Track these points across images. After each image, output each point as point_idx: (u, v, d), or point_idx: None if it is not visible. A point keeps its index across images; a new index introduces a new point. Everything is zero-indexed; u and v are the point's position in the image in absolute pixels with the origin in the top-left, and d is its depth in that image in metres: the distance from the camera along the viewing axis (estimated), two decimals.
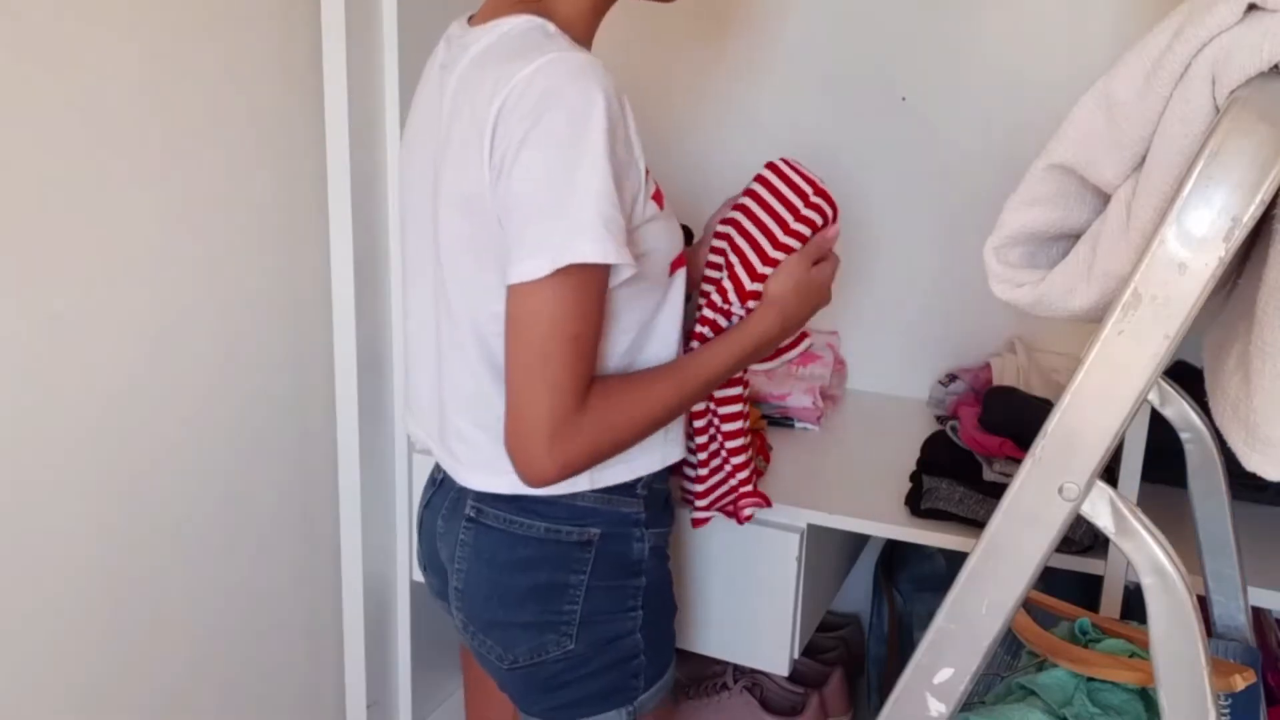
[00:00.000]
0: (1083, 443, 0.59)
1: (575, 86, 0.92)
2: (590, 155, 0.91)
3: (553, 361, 0.94)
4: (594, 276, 0.95)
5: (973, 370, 1.70)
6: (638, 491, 1.11)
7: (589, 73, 0.93)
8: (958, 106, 1.69)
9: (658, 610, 1.15)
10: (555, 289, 0.93)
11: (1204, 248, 0.54)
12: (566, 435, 0.96)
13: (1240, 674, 0.92)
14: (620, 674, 1.12)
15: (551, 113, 0.92)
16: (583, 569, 1.08)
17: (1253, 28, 0.56)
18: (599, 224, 0.91)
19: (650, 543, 1.13)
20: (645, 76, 1.89)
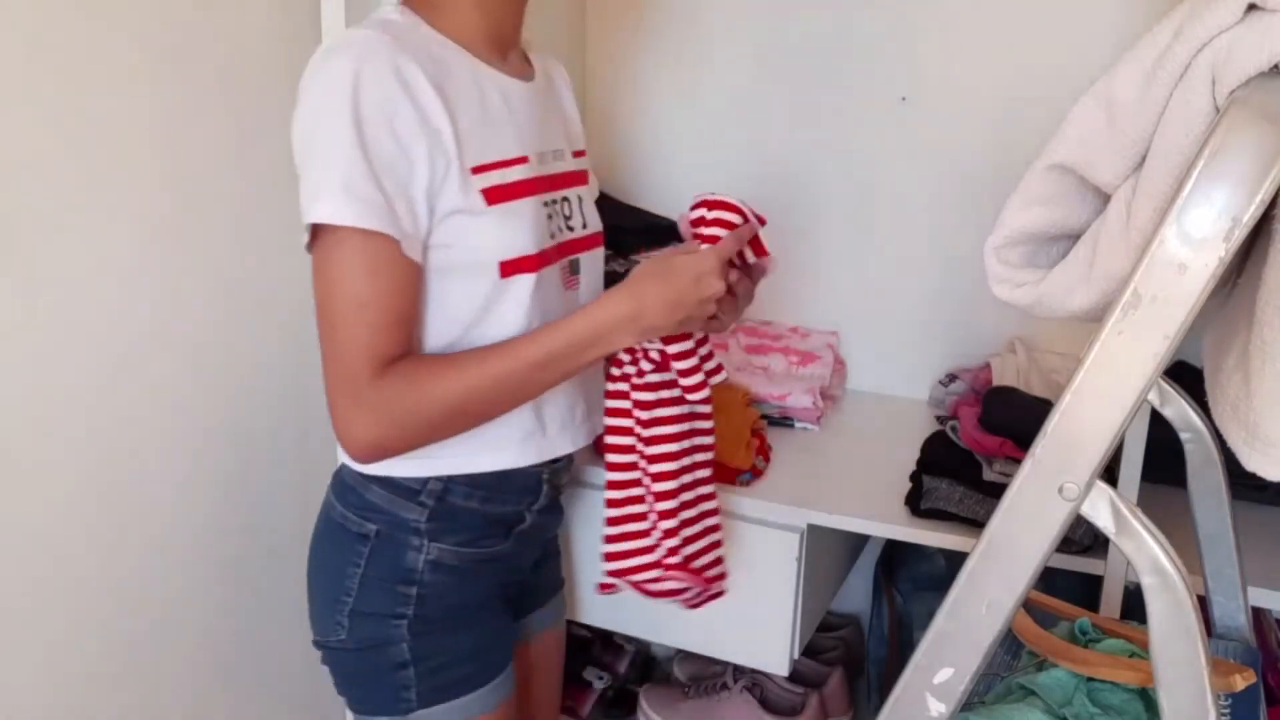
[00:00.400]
0: (1083, 443, 0.59)
1: (333, 63, 0.97)
2: (337, 125, 0.95)
3: (338, 327, 0.98)
4: (372, 243, 0.97)
5: (972, 370, 1.70)
6: (421, 498, 1.09)
7: (350, 53, 0.97)
8: (958, 106, 1.69)
9: (436, 625, 1.11)
10: (330, 251, 0.98)
11: (1204, 248, 0.54)
12: (362, 407, 0.98)
13: (1240, 674, 0.92)
14: (389, 683, 1.11)
15: (310, 89, 0.98)
16: (359, 561, 1.10)
17: (1253, 28, 0.56)
18: (337, 188, 0.95)
19: (430, 555, 1.10)
20: (645, 77, 1.89)
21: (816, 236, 1.82)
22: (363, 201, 0.95)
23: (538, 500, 1.18)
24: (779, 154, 1.82)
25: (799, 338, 1.80)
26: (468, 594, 1.14)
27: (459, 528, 1.12)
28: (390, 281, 0.98)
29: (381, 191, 0.96)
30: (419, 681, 1.11)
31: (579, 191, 1.20)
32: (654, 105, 1.90)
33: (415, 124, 0.98)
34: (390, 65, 0.97)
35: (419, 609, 1.10)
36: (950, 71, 1.68)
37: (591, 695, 1.86)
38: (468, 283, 1.05)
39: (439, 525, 1.10)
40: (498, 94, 1.08)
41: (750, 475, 1.45)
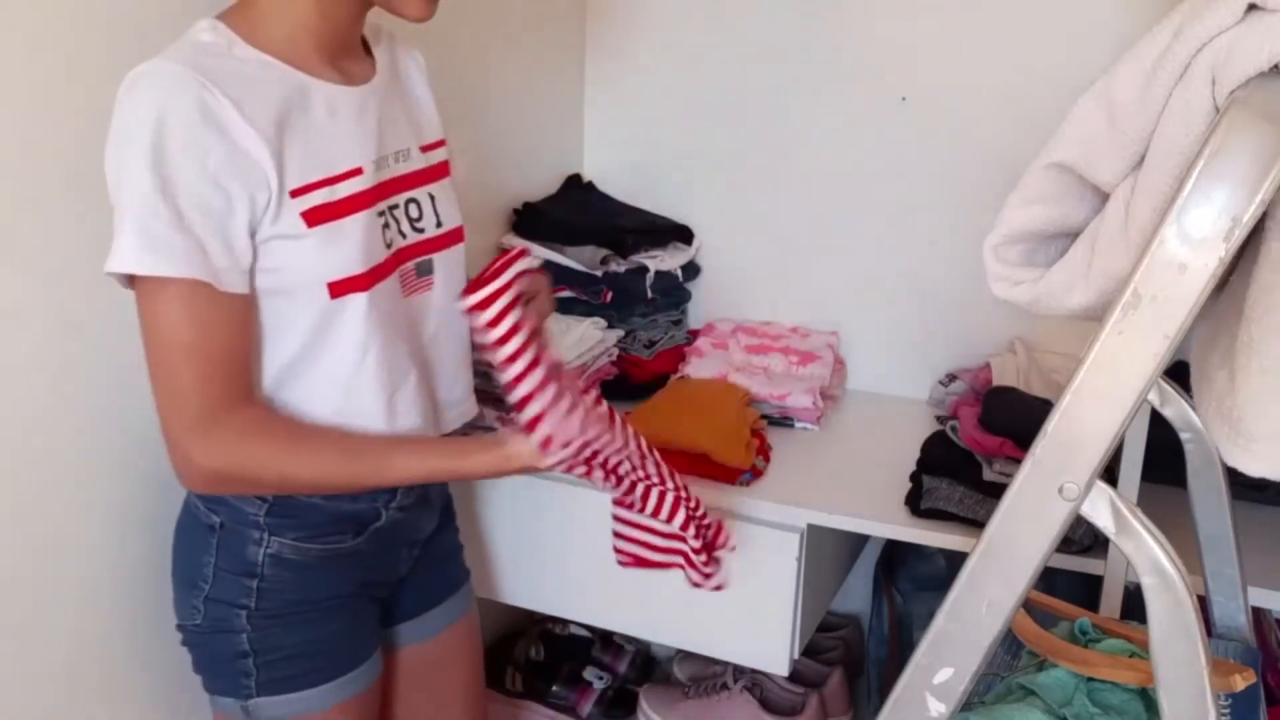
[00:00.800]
0: (1082, 443, 0.59)
1: (136, 99, 0.95)
2: (137, 169, 0.93)
3: (169, 372, 0.98)
4: (184, 288, 0.95)
5: (972, 370, 1.70)
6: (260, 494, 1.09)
7: (157, 84, 0.94)
8: (958, 106, 1.69)
9: (276, 619, 1.11)
10: (146, 298, 0.97)
11: (1204, 248, 0.54)
12: (202, 446, 0.99)
13: (1240, 674, 0.92)
14: (231, 667, 1.12)
15: (116, 126, 0.96)
16: (210, 550, 1.11)
17: (1253, 28, 0.56)
18: (134, 236, 0.93)
19: (270, 549, 1.10)
20: (645, 77, 1.89)
21: (816, 236, 1.82)
22: (165, 249, 0.93)
23: (395, 498, 1.15)
24: (779, 154, 1.82)
25: (799, 338, 1.80)
26: (313, 589, 1.13)
27: (300, 524, 1.11)
28: (211, 322, 0.97)
29: (188, 235, 0.94)
30: (258, 671, 1.12)
31: (430, 190, 1.16)
32: (653, 105, 1.90)
33: (227, 161, 0.95)
34: (197, 104, 0.94)
35: (259, 602, 1.10)
36: (950, 71, 1.68)
37: (591, 695, 1.86)
38: (298, 305, 1.03)
39: (279, 520, 1.10)
40: (324, 107, 1.04)
41: (750, 475, 1.45)
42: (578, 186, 1.93)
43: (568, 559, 1.52)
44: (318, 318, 1.04)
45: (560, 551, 1.53)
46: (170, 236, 0.93)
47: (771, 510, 1.41)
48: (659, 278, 1.77)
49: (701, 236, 1.88)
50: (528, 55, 1.81)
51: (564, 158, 1.93)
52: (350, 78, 1.09)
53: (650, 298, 1.76)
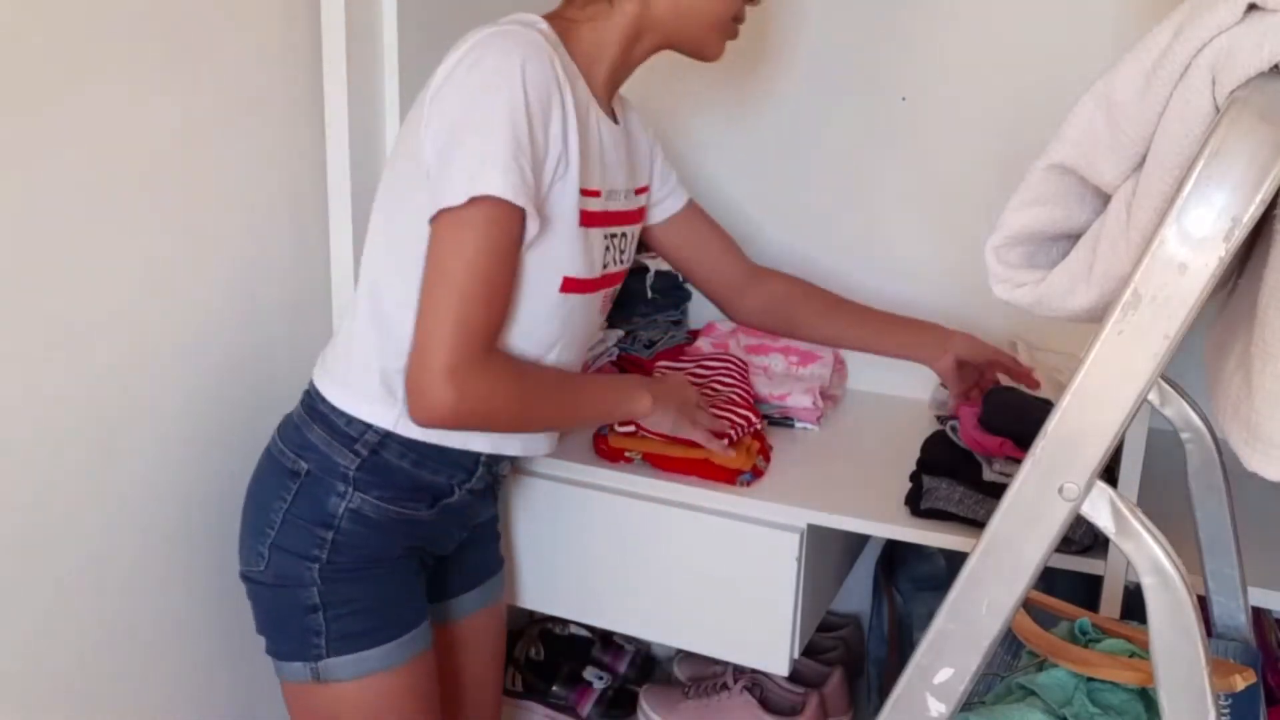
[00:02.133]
0: (1083, 443, 0.59)
1: (507, 46, 1.02)
2: (503, 104, 1.00)
3: (467, 299, 1.01)
4: (508, 219, 1.02)
5: None
6: (356, 446, 1.13)
7: (518, 45, 1.02)
8: (958, 106, 1.69)
9: (346, 574, 1.14)
10: (473, 222, 1.01)
11: (1204, 248, 0.54)
12: (465, 375, 1.02)
13: (1240, 674, 0.92)
14: (300, 624, 1.13)
15: (478, 73, 1.01)
16: (286, 495, 1.13)
17: (1253, 28, 0.56)
18: (510, 163, 0.99)
19: (353, 503, 1.13)
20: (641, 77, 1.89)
21: (816, 236, 1.82)
22: (520, 180, 1.01)
23: (470, 480, 1.21)
24: (778, 153, 1.82)
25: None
26: (380, 548, 1.16)
27: (386, 483, 1.14)
28: (510, 260, 1.04)
29: (523, 170, 1.01)
30: (328, 627, 1.13)
31: (634, 229, 1.28)
32: (653, 105, 1.89)
33: (561, 124, 1.05)
34: (551, 67, 1.03)
35: (332, 554, 1.13)
36: (950, 71, 1.68)
37: (591, 695, 1.86)
38: (536, 288, 1.10)
39: (368, 477, 1.13)
40: (595, 128, 1.15)
41: (750, 475, 1.45)
42: None
43: (568, 559, 1.52)
44: (539, 305, 1.11)
45: (560, 552, 1.53)
46: (527, 173, 1.01)
47: (771, 510, 1.41)
48: (659, 277, 1.77)
49: None
50: None
51: None
52: (611, 114, 1.21)
53: (650, 298, 1.76)
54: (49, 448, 1.12)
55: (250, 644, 1.38)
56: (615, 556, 1.50)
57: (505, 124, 1.00)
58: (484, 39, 1.03)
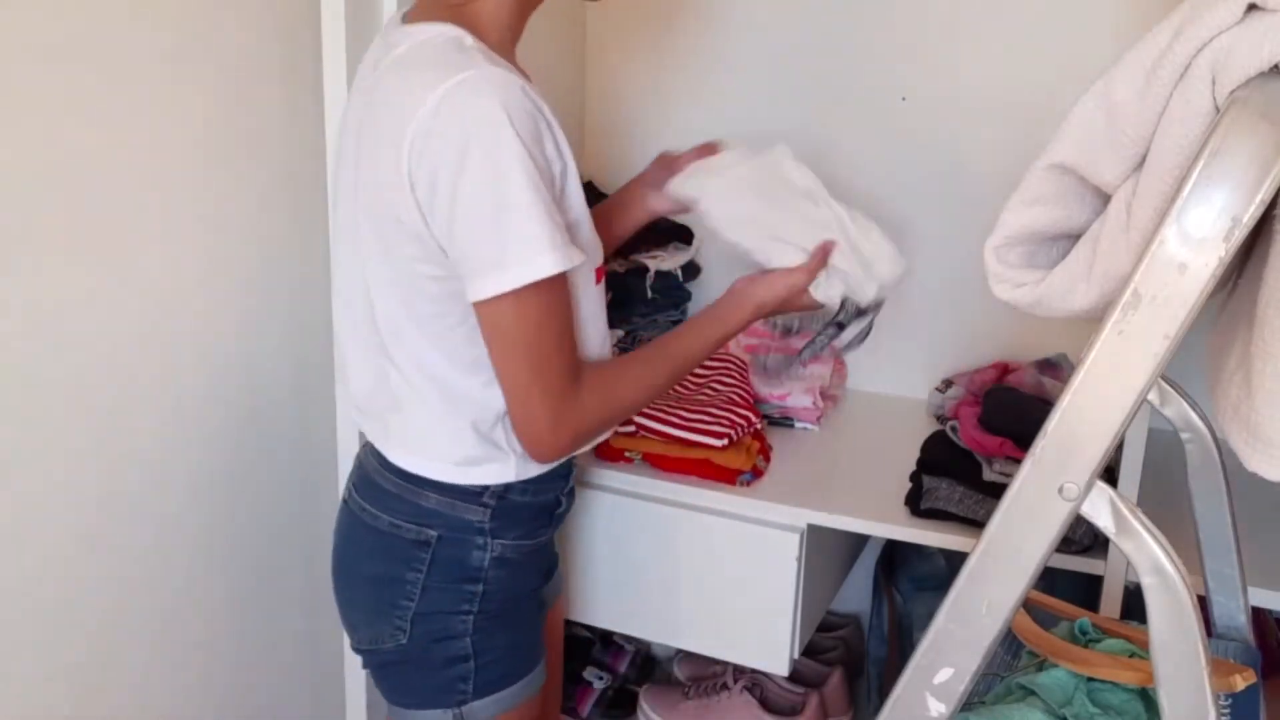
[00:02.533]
0: (1083, 443, 0.59)
1: (473, 106, 0.94)
2: (519, 171, 0.94)
3: (542, 363, 1.01)
4: (557, 279, 0.99)
5: (968, 374, 1.70)
6: (484, 500, 1.11)
7: (493, 91, 0.94)
8: (958, 106, 1.69)
9: (495, 619, 1.13)
10: (529, 302, 0.98)
11: (1204, 248, 0.54)
12: (565, 422, 1.04)
13: (1240, 674, 0.92)
14: (448, 675, 1.12)
15: (468, 141, 0.94)
16: (420, 567, 1.10)
17: (1253, 28, 0.56)
18: (544, 236, 0.95)
19: (495, 552, 1.12)
20: (640, 79, 1.89)
21: None
22: (564, 246, 0.97)
23: (568, 484, 1.22)
24: None
25: (799, 337, 1.80)
26: (520, 584, 1.17)
27: (517, 522, 1.14)
28: (569, 306, 1.03)
29: (559, 225, 0.98)
30: (477, 674, 1.12)
31: None
32: (652, 105, 1.90)
33: (552, 144, 1.00)
34: (524, 94, 0.96)
35: (483, 604, 1.12)
36: (950, 71, 1.68)
37: (591, 695, 1.86)
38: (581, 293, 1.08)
39: (500, 523, 1.12)
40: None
41: (750, 475, 1.45)
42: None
43: (568, 560, 1.52)
44: (593, 307, 1.11)
45: (560, 552, 1.53)
46: (559, 233, 0.97)
47: (771, 510, 1.41)
48: (659, 278, 1.77)
49: (701, 236, 1.88)
50: (527, 55, 1.80)
51: None
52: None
53: (650, 298, 1.76)
54: (48, 448, 1.12)
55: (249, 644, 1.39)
56: (615, 556, 1.50)
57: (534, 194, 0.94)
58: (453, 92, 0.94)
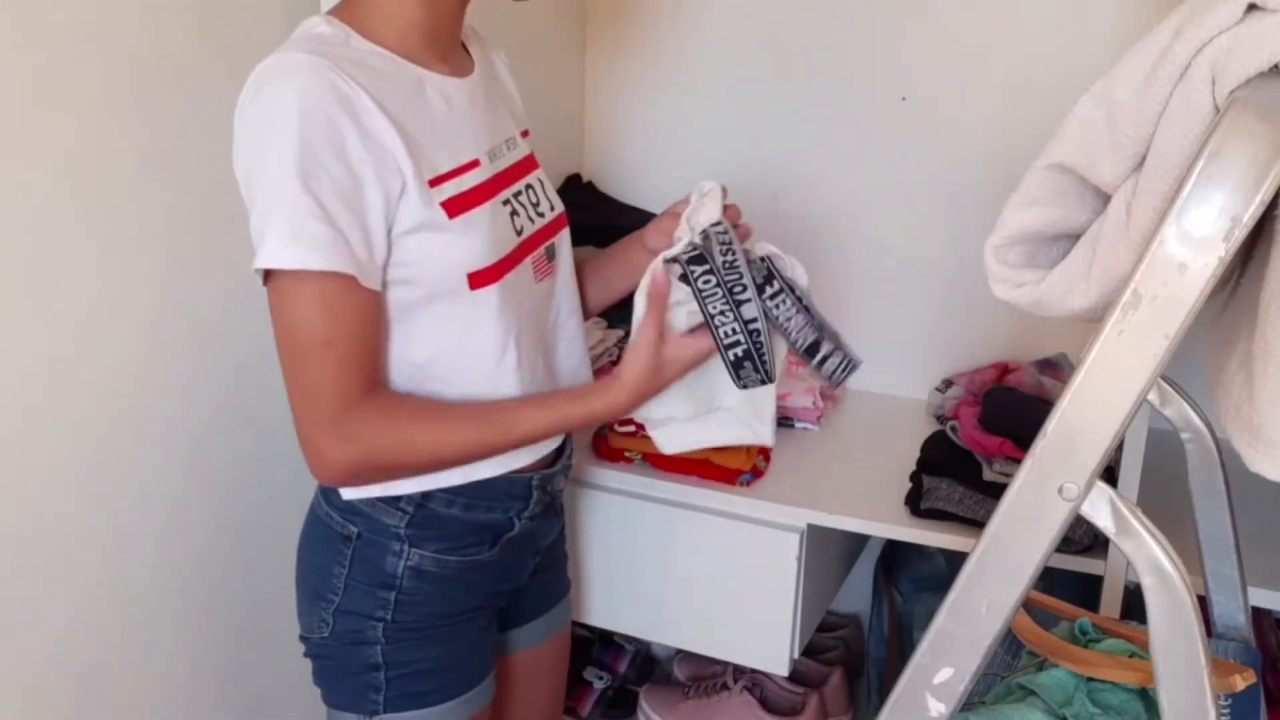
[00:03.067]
0: (1083, 442, 0.59)
1: (270, 92, 0.93)
2: (280, 161, 0.91)
3: (304, 368, 0.96)
4: (327, 283, 0.93)
5: (968, 374, 1.69)
6: (401, 505, 1.07)
7: (287, 79, 0.92)
8: (958, 106, 1.69)
9: (411, 633, 1.10)
10: (285, 293, 0.95)
11: (1204, 248, 0.54)
12: (338, 439, 0.97)
13: (1240, 674, 0.92)
14: (361, 681, 1.10)
15: (249, 121, 0.94)
16: (343, 561, 1.09)
17: (1252, 28, 0.56)
18: (284, 230, 0.91)
19: (411, 560, 1.08)
20: (644, 76, 1.89)
21: (815, 236, 1.81)
22: (312, 241, 0.91)
23: (527, 507, 1.14)
24: (778, 154, 1.82)
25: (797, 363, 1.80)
26: (449, 603, 1.12)
27: (440, 534, 1.09)
28: (351, 317, 0.95)
29: (333, 226, 0.92)
30: (388, 686, 1.10)
31: (539, 175, 1.17)
32: (652, 105, 1.90)
33: (363, 148, 0.94)
34: (330, 89, 0.92)
35: (396, 614, 1.09)
36: (950, 71, 1.68)
37: (591, 695, 1.86)
38: (438, 301, 1.02)
39: (419, 532, 1.08)
40: (440, 98, 1.04)
41: (750, 475, 1.45)
42: (577, 186, 1.93)
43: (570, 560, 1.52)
44: (458, 312, 1.03)
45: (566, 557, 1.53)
46: (315, 228, 0.92)
47: (771, 510, 1.41)
48: None
49: None
50: (528, 55, 1.81)
51: (564, 158, 1.93)
52: (456, 70, 1.09)
53: None
54: (43, 449, 1.12)
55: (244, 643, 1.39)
56: (615, 556, 1.50)
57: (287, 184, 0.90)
58: (256, 74, 0.94)
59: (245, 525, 1.38)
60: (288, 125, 0.90)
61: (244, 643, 1.40)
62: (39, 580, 1.13)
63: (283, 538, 1.43)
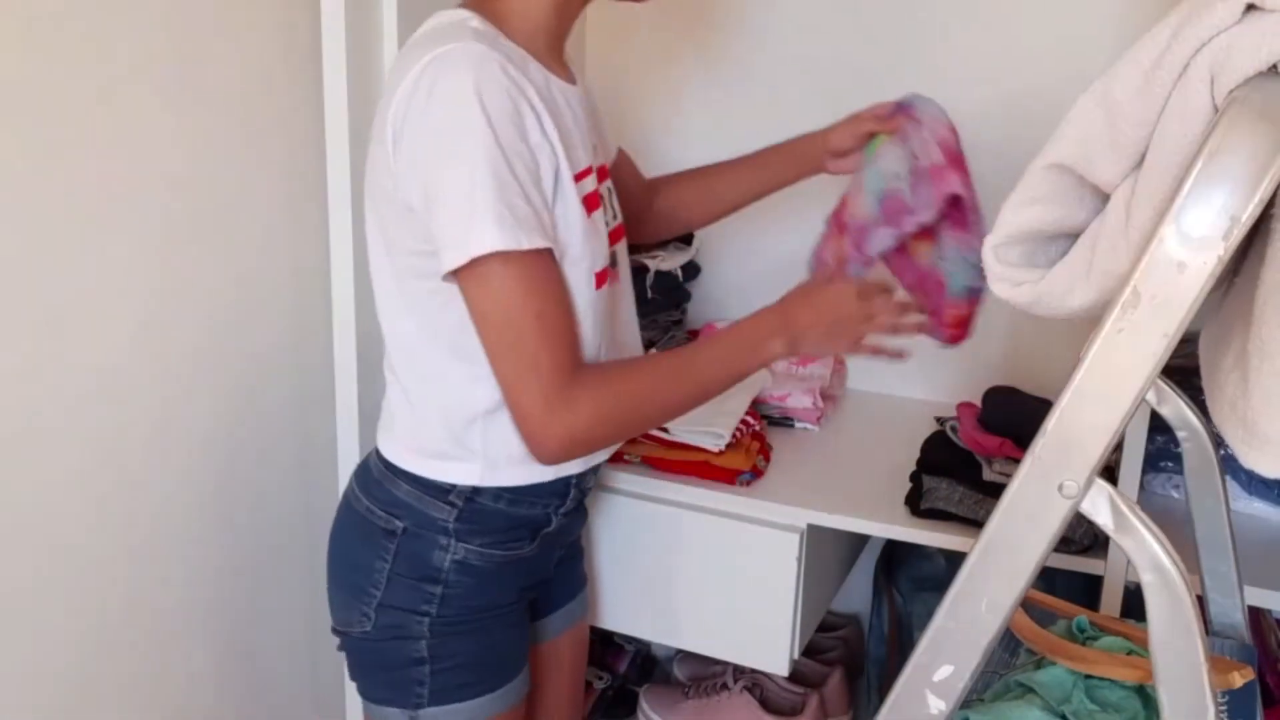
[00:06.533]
0: (1082, 441, 0.60)
1: (447, 82, 0.94)
2: (475, 144, 0.93)
3: (520, 345, 0.98)
4: (532, 260, 0.97)
5: None
6: (450, 498, 1.09)
7: (467, 66, 0.94)
8: (958, 107, 1.69)
9: (455, 626, 1.11)
10: (493, 276, 0.97)
11: (1203, 247, 0.55)
12: (562, 408, 0.99)
13: (1239, 671, 0.92)
14: (405, 675, 1.11)
15: (431, 114, 0.95)
16: (386, 556, 1.10)
17: (1251, 28, 0.57)
18: (492, 213, 0.93)
19: (457, 555, 1.10)
20: (638, 80, 1.90)
21: (816, 236, 1.81)
22: (519, 221, 0.94)
23: (564, 504, 1.17)
24: None
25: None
26: (490, 596, 1.14)
27: (486, 529, 1.11)
28: (554, 290, 1.00)
29: (532, 206, 0.96)
30: (432, 679, 1.11)
31: (608, 184, 1.19)
32: (654, 106, 1.90)
33: (537, 129, 0.98)
34: (505, 75, 0.95)
35: (442, 608, 1.10)
36: (950, 71, 1.68)
37: (591, 695, 1.86)
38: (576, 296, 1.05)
39: (467, 526, 1.10)
40: (564, 101, 1.07)
41: (750, 475, 1.45)
42: None
43: None
44: (585, 311, 1.06)
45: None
46: (523, 208, 0.95)
47: (771, 510, 1.41)
48: (659, 278, 1.77)
49: (701, 236, 1.88)
50: None
51: None
52: (568, 78, 1.11)
53: (650, 298, 1.76)
54: (44, 450, 1.12)
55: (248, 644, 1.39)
56: (615, 556, 1.50)
57: (487, 166, 0.93)
58: (429, 66, 0.95)
59: (247, 528, 1.38)
60: (476, 111, 0.93)
61: (249, 646, 1.40)
62: (42, 581, 1.13)
63: (288, 533, 1.43)
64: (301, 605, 1.47)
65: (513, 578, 1.16)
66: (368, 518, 1.12)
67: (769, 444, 1.54)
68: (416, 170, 0.97)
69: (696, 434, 1.44)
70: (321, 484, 1.47)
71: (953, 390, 1.73)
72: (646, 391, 1.05)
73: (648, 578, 1.49)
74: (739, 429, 1.46)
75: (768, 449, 1.53)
